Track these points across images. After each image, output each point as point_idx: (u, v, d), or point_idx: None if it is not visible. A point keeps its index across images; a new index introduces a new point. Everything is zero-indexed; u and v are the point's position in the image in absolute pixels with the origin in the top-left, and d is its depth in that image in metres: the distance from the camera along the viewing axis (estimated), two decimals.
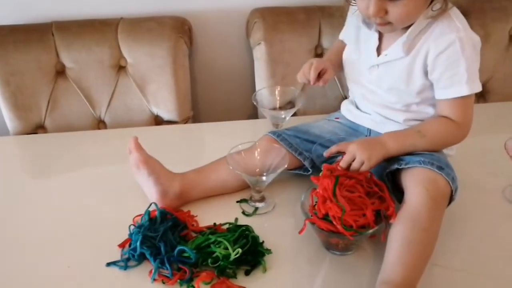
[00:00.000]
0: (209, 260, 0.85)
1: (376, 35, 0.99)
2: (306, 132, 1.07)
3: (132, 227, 0.93)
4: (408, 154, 0.93)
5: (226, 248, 0.85)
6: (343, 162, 0.91)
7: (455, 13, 0.92)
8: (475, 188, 1.03)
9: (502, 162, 1.00)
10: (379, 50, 0.99)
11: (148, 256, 0.86)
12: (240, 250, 0.85)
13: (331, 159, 0.97)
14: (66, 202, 1.05)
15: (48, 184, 1.13)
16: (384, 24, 0.91)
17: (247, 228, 0.91)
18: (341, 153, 0.94)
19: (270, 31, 1.38)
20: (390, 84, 0.98)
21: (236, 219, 0.97)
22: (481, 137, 1.16)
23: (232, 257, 0.84)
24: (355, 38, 1.05)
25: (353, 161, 0.91)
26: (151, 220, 0.93)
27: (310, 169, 1.03)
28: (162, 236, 0.89)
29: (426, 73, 0.94)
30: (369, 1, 0.88)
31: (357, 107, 1.11)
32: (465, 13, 1.44)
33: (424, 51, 0.92)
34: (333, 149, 0.95)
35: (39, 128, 1.41)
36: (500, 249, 0.91)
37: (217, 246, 0.86)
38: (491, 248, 0.91)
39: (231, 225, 0.94)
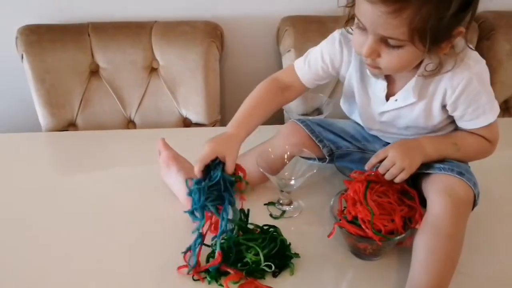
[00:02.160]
0: (239, 265, 0.86)
1: (385, 83, 0.93)
2: (330, 125, 1.08)
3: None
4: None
5: (257, 254, 0.86)
6: (382, 168, 0.89)
7: (459, 47, 0.84)
8: (500, 197, 1.03)
9: None
10: (387, 95, 0.94)
11: (211, 208, 0.87)
12: (272, 265, 0.85)
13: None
14: (94, 199, 1.07)
15: (77, 180, 1.15)
16: (374, 67, 0.85)
17: (276, 230, 0.92)
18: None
19: (300, 39, 1.40)
20: (407, 123, 0.96)
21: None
22: (506, 151, 1.16)
23: (262, 264, 0.85)
24: (359, 82, 0.97)
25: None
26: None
27: (327, 157, 1.05)
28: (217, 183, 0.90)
29: (445, 109, 0.92)
30: (366, 39, 0.81)
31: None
32: (492, 28, 1.45)
33: (441, 93, 0.89)
34: (373, 160, 0.92)
35: (70, 126, 1.45)
36: None
37: (248, 251, 0.87)
38: None
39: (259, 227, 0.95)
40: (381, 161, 0.91)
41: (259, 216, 0.99)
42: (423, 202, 0.89)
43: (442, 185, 0.86)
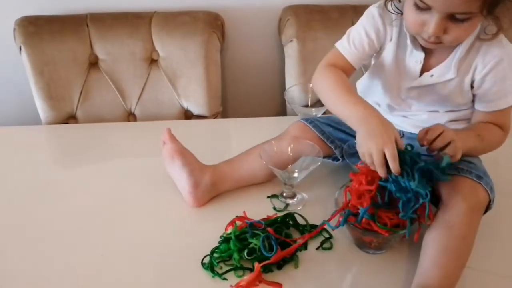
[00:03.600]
0: (245, 251, 0.85)
1: (422, 55, 0.92)
2: (339, 122, 1.06)
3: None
4: None
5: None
6: (432, 131, 0.83)
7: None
8: (509, 191, 1.01)
9: None
10: (421, 70, 0.94)
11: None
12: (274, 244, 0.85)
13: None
14: (95, 192, 1.06)
15: (77, 173, 1.14)
16: (436, 43, 0.85)
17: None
18: None
19: (302, 28, 1.38)
20: (435, 100, 0.96)
21: None
22: None
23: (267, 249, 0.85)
24: (394, 55, 0.96)
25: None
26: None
27: (340, 158, 1.03)
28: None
29: (472, 87, 0.92)
30: (429, 18, 0.81)
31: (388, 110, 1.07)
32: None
33: (473, 68, 0.90)
34: (429, 134, 0.83)
35: (70, 118, 1.43)
36: None
37: (254, 238, 0.86)
38: None
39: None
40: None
41: (262, 209, 0.98)
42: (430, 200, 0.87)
43: (460, 188, 0.85)
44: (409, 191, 0.79)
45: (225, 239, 0.89)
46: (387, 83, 1.01)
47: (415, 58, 0.94)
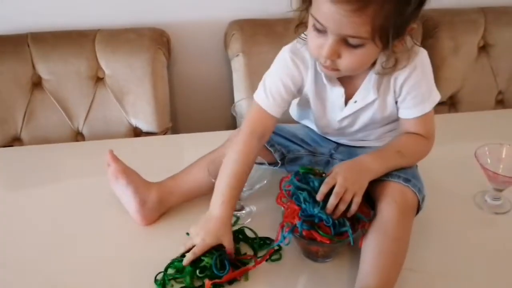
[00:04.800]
0: (197, 271, 0.85)
1: (342, 90, 0.94)
2: (281, 130, 1.08)
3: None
4: None
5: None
6: (333, 197, 0.84)
7: (409, 43, 0.88)
8: (447, 194, 1.06)
9: (473, 169, 1.02)
10: (345, 100, 0.95)
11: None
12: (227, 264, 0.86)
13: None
14: (43, 216, 1.04)
15: (24, 197, 1.11)
16: (333, 69, 0.85)
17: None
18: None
19: (248, 42, 1.40)
20: (365, 123, 0.99)
21: None
22: (453, 146, 1.20)
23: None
24: (316, 94, 0.97)
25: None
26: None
27: (279, 162, 1.05)
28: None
29: (394, 98, 0.95)
30: (324, 41, 0.81)
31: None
32: (436, 25, 1.50)
33: (392, 84, 0.92)
34: (324, 189, 0.86)
35: (15, 141, 1.40)
36: (471, 253, 0.93)
37: (206, 256, 0.87)
38: (462, 252, 0.93)
39: None
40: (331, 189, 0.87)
41: None
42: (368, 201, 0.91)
43: (389, 192, 0.88)
44: (315, 216, 0.85)
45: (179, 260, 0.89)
46: (316, 117, 1.03)
47: (336, 94, 0.95)
